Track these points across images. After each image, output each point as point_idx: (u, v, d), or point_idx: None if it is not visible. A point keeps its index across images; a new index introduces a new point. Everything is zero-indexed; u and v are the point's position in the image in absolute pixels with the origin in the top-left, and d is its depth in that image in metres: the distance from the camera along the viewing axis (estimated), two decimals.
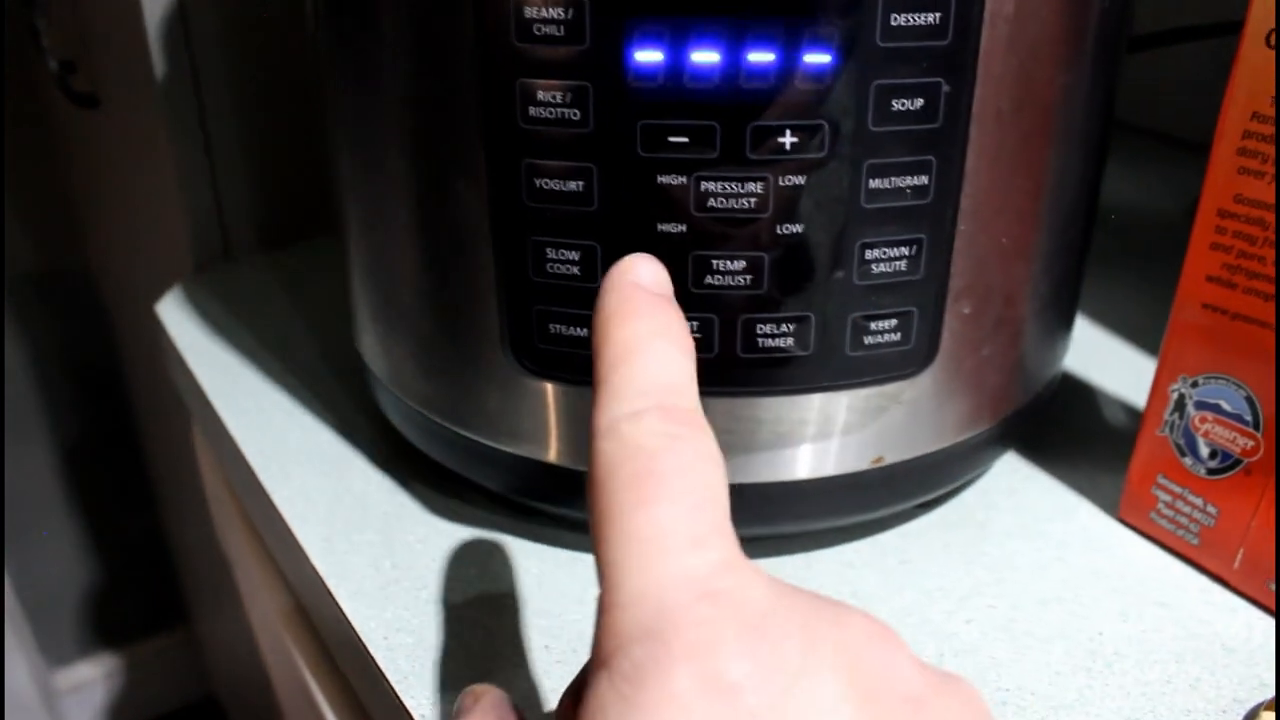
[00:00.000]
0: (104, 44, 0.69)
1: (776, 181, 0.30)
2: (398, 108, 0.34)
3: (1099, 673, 0.35)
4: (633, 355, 0.26)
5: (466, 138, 0.32)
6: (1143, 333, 0.53)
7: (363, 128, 0.37)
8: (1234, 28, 0.56)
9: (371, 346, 0.42)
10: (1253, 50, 0.34)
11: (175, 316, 0.56)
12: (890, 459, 0.37)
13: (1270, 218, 0.34)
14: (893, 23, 0.29)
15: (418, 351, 0.39)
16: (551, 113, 0.30)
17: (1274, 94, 0.33)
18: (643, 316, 0.26)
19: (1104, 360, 0.51)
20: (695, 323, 0.32)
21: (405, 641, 0.36)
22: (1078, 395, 0.49)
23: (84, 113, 0.78)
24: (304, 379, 0.50)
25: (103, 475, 1.25)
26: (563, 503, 0.39)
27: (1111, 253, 0.55)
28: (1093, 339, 0.53)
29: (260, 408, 0.48)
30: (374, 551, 0.40)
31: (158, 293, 0.61)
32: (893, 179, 0.31)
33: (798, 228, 0.31)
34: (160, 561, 1.29)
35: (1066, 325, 0.42)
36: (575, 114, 0.30)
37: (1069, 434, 0.46)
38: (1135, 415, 0.47)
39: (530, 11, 0.29)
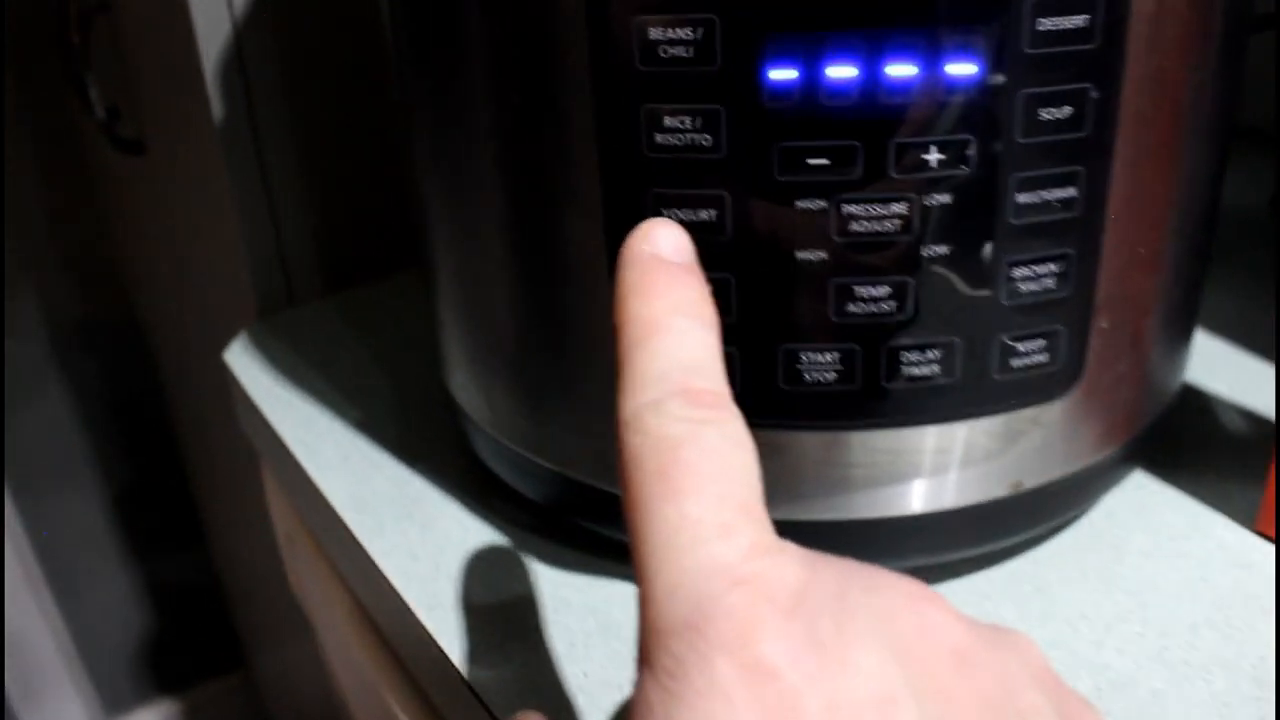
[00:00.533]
0: (151, 90, 0.68)
1: (921, 201, 0.28)
2: (500, 138, 0.33)
3: (1269, 701, 0.33)
4: (652, 335, 0.25)
5: (580, 169, 0.31)
6: (1244, 332, 0.52)
7: (458, 162, 0.35)
8: None
9: (467, 389, 0.40)
10: None
11: (244, 363, 0.55)
12: (1029, 483, 0.35)
13: None
14: (1039, 28, 0.27)
15: (523, 394, 0.37)
16: (680, 139, 0.28)
17: None
18: (662, 291, 0.26)
19: (1210, 364, 0.50)
20: (837, 353, 0.30)
21: (532, 703, 0.34)
22: (1191, 401, 0.47)
23: (127, 159, 0.77)
24: (386, 424, 0.49)
25: (154, 520, 1.24)
26: None
27: None
28: (1197, 341, 0.51)
29: (344, 456, 0.47)
30: (485, 606, 0.38)
31: (215, 338, 0.60)
32: (1041, 192, 0.29)
33: (943, 249, 0.29)
34: (215, 605, 1.28)
35: (1190, 334, 0.40)
36: (707, 139, 0.28)
37: (1189, 444, 0.44)
38: (1253, 420, 0.45)
39: (655, 33, 0.28)
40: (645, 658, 0.22)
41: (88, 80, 0.70)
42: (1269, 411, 0.46)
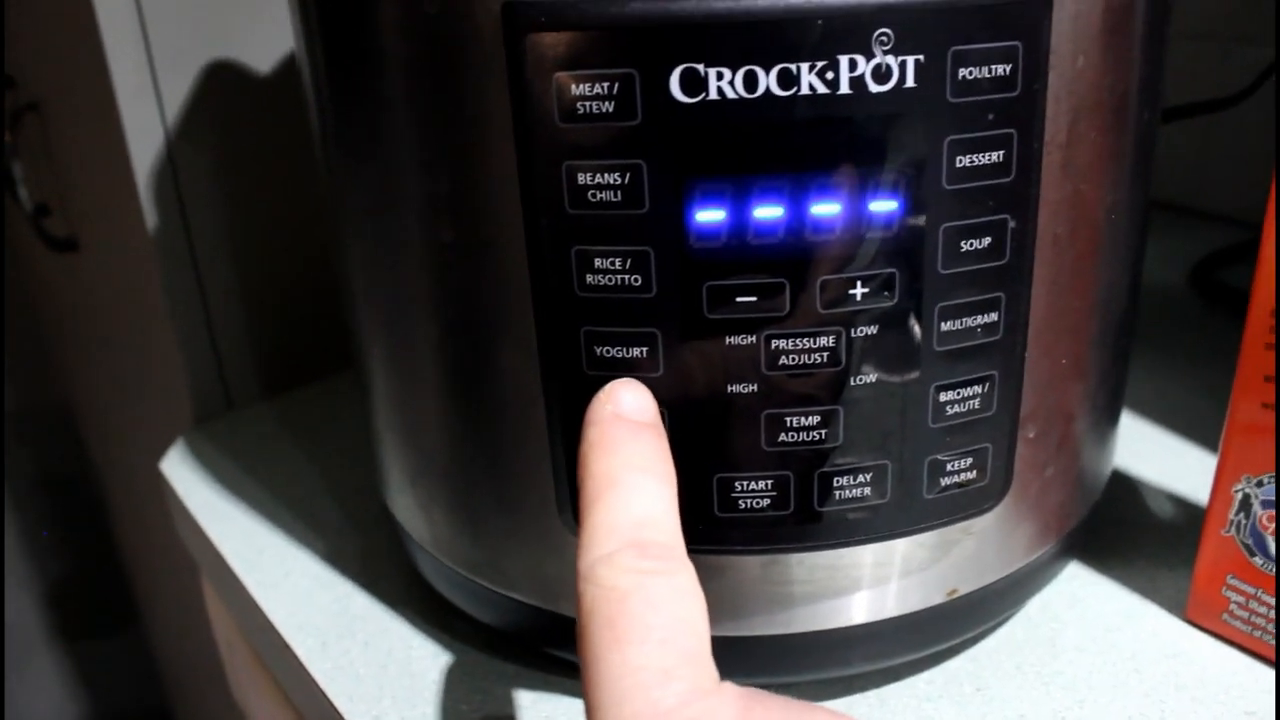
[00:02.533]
0: (83, 189, 0.68)
1: (848, 333, 0.29)
2: (433, 272, 0.33)
3: None
4: (607, 491, 0.27)
5: (514, 305, 0.31)
6: (1169, 414, 0.53)
7: (393, 296, 0.35)
8: (1227, 103, 0.57)
9: (407, 509, 0.40)
10: None
11: (180, 474, 0.54)
12: (964, 590, 0.36)
13: None
14: (957, 165, 0.28)
15: (462, 516, 0.37)
16: (611, 279, 0.29)
17: None
18: (619, 448, 0.28)
19: (1137, 447, 0.51)
20: (769, 481, 0.31)
21: None
22: (1119, 486, 0.48)
23: (60, 257, 0.76)
24: (328, 538, 0.49)
25: (90, 611, 1.22)
26: None
27: None
28: (1122, 424, 0.52)
29: (285, 572, 0.46)
30: None
31: (152, 440, 0.59)
32: (964, 319, 0.30)
33: (871, 377, 0.30)
34: (152, 698, 1.25)
35: (1115, 428, 0.41)
36: (637, 279, 0.29)
37: (1118, 530, 0.45)
38: (1180, 504, 0.47)
39: (584, 178, 0.28)
40: None
41: (16, 176, 0.69)
42: (1196, 495, 0.47)
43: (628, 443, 0.28)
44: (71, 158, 0.68)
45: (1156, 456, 0.50)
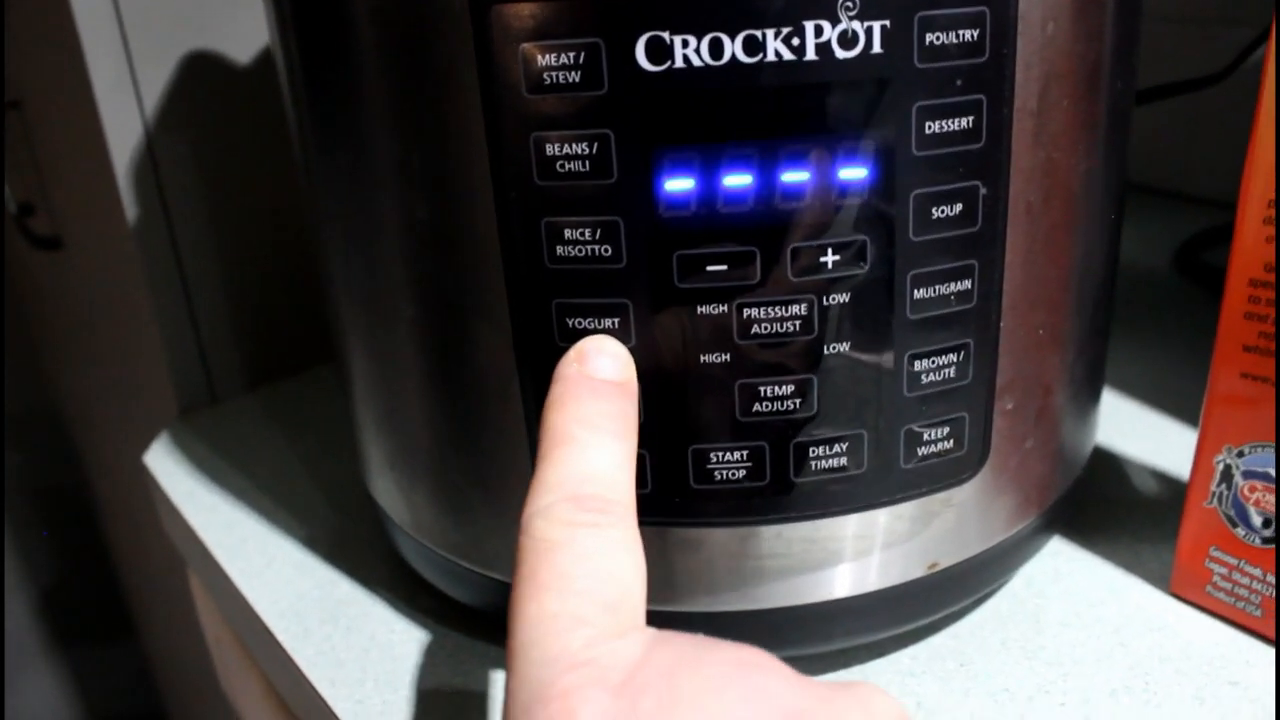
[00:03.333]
0: (66, 186, 0.67)
1: (820, 301, 0.29)
2: (406, 249, 0.33)
3: None
4: (557, 447, 0.27)
5: (486, 280, 0.31)
6: (1151, 392, 0.53)
7: (367, 274, 0.35)
8: (1206, 82, 0.57)
9: (388, 492, 0.40)
10: (1271, 122, 0.33)
11: (165, 466, 0.54)
12: (944, 563, 0.36)
13: None
14: (927, 131, 0.28)
15: (442, 497, 0.37)
16: (581, 250, 0.29)
17: None
18: (577, 405, 0.28)
19: (1120, 425, 0.51)
20: (744, 451, 0.31)
21: None
22: (1102, 462, 0.48)
23: (44, 255, 0.76)
24: (311, 526, 0.48)
25: (82, 617, 1.21)
26: None
27: None
28: (1105, 402, 0.52)
29: (269, 560, 0.46)
30: (411, 710, 0.38)
31: (137, 435, 0.59)
32: (937, 287, 0.30)
33: (844, 346, 0.30)
34: (147, 700, 1.24)
35: (1096, 403, 0.41)
36: (607, 249, 0.29)
37: (1102, 507, 0.45)
38: (1163, 480, 0.47)
39: (552, 148, 0.28)
40: None
41: (1, 175, 0.69)
42: (1179, 471, 0.47)
43: (586, 400, 0.28)
44: (53, 154, 0.68)
45: (1140, 434, 0.50)
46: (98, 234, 0.64)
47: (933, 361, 0.31)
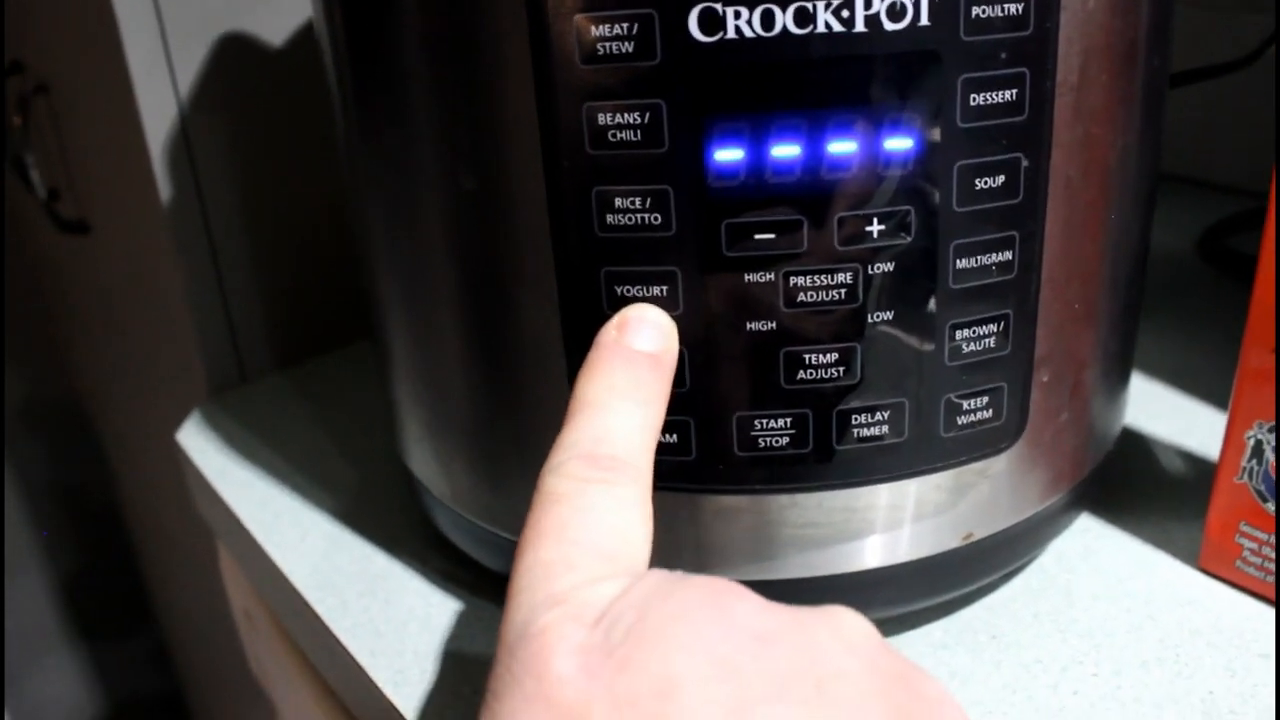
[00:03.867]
0: (94, 170, 0.68)
1: (865, 270, 0.30)
2: (453, 222, 0.34)
3: None
4: (580, 411, 0.28)
5: (533, 249, 0.32)
6: (1177, 374, 0.53)
7: (412, 245, 0.36)
8: (1230, 68, 0.57)
9: (425, 464, 0.40)
10: None
11: (197, 444, 0.55)
12: (979, 534, 0.36)
13: None
14: (971, 103, 0.29)
15: (482, 467, 0.37)
16: (631, 219, 0.29)
17: None
18: (608, 372, 0.28)
19: (1148, 407, 0.51)
20: (788, 419, 0.31)
21: None
22: (1130, 444, 0.49)
23: (69, 240, 0.77)
24: (344, 499, 0.49)
25: (104, 606, 1.22)
26: None
27: None
28: (1134, 385, 0.52)
29: (303, 534, 0.47)
30: (451, 679, 0.38)
31: (166, 418, 0.60)
32: (979, 257, 0.30)
33: (888, 314, 0.30)
34: (168, 692, 1.25)
35: (1127, 381, 0.41)
36: (656, 218, 0.29)
37: (1131, 486, 0.46)
38: (1190, 460, 0.47)
39: (604, 118, 0.29)
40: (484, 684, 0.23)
41: (28, 161, 0.70)
42: (1207, 452, 0.47)
43: (618, 368, 0.28)
44: (82, 138, 0.68)
45: (1167, 416, 0.50)
46: (129, 216, 0.64)
47: (973, 331, 0.31)
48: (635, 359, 0.29)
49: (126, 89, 0.55)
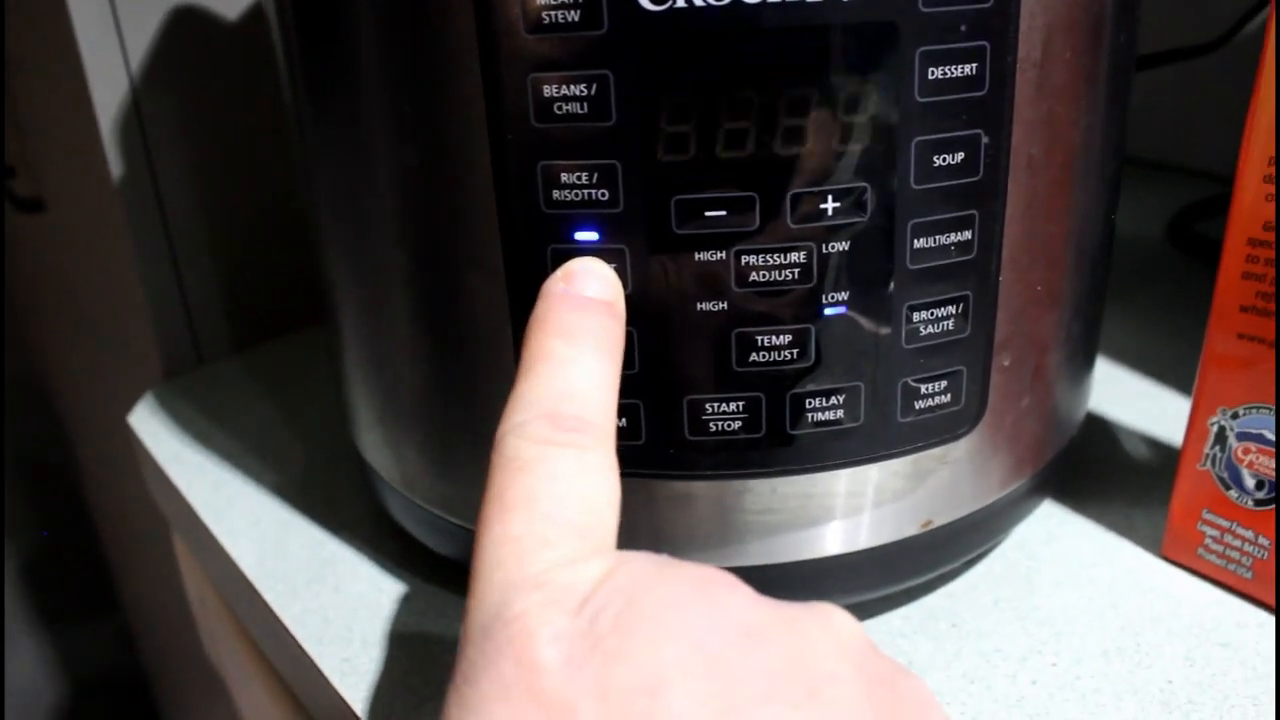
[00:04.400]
0: (49, 147, 0.66)
1: (819, 249, 0.29)
2: (399, 198, 0.33)
3: None
4: (538, 363, 0.26)
5: (479, 226, 0.31)
6: (1145, 360, 0.53)
7: (359, 222, 0.35)
8: (1202, 50, 0.56)
9: (376, 448, 0.39)
10: (1273, 78, 0.33)
11: (149, 427, 0.54)
12: (939, 521, 0.35)
13: None
14: (930, 77, 0.28)
15: (432, 451, 0.36)
16: (578, 195, 0.28)
17: None
18: (560, 323, 0.27)
19: (1113, 392, 0.51)
20: (740, 402, 0.30)
21: None
22: (1095, 429, 0.48)
23: (26, 218, 0.75)
24: (297, 485, 0.48)
25: (64, 587, 1.20)
26: None
27: None
28: (1099, 370, 0.52)
29: (255, 520, 0.46)
30: (399, 668, 0.37)
31: (123, 400, 0.58)
32: (937, 237, 0.30)
33: (843, 295, 0.29)
34: (130, 667, 1.24)
35: (1091, 366, 0.41)
36: (604, 194, 0.28)
37: (1094, 472, 0.45)
38: (1155, 446, 0.46)
39: (550, 90, 0.28)
40: (452, 667, 0.22)
41: None
42: (1172, 438, 0.47)
43: (570, 315, 0.27)
44: (36, 114, 0.67)
45: (1133, 402, 0.50)
46: (82, 195, 0.63)
47: (931, 313, 0.30)
48: (589, 306, 0.27)
49: (77, 65, 0.53)
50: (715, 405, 0.30)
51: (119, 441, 0.57)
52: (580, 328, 0.27)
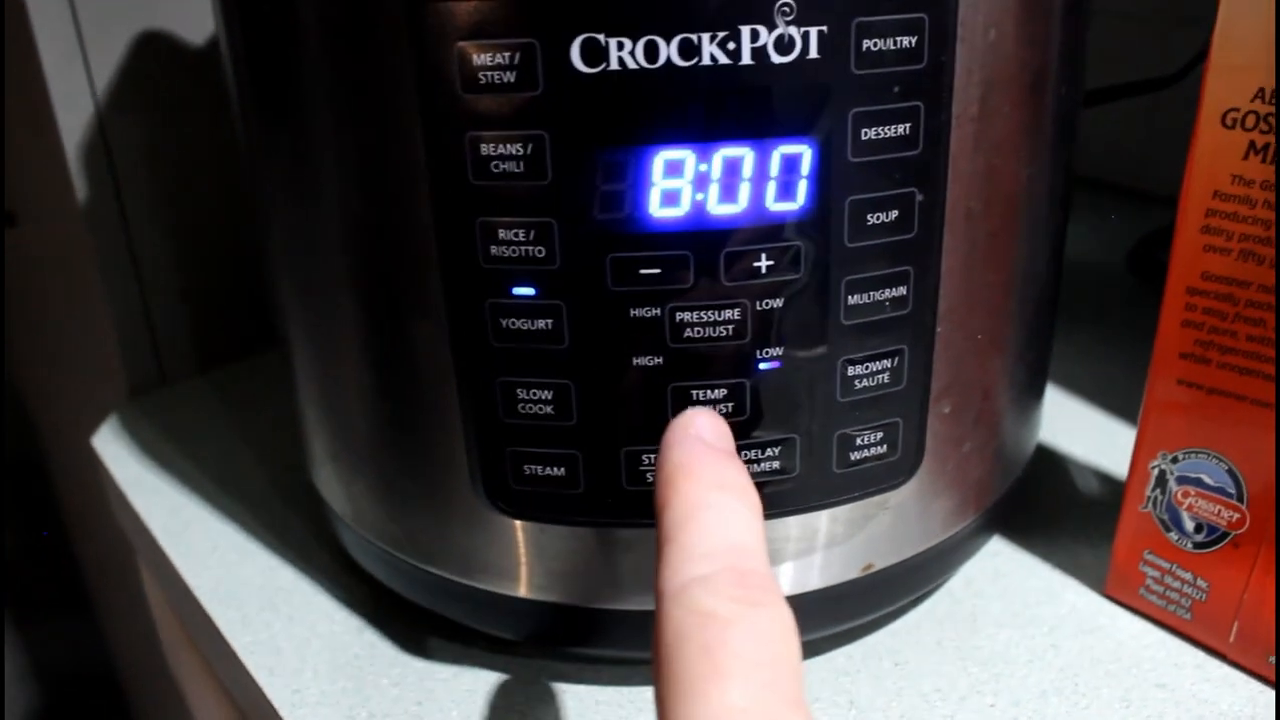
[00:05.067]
0: (18, 163, 0.67)
1: (753, 306, 0.29)
2: (347, 245, 0.33)
3: None
4: (699, 512, 0.25)
5: (423, 277, 0.31)
6: (1099, 390, 0.53)
7: (309, 261, 0.35)
8: (1162, 84, 0.57)
9: (329, 483, 0.40)
10: (1209, 130, 0.33)
11: (113, 450, 0.54)
12: (880, 564, 0.36)
13: (1239, 293, 0.34)
14: (863, 137, 0.28)
15: (381, 490, 0.37)
16: (515, 251, 0.29)
17: (1234, 172, 0.33)
18: (708, 472, 0.26)
19: (1066, 424, 0.51)
20: None
21: None
22: (1046, 461, 0.48)
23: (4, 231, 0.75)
24: (256, 512, 0.48)
25: (38, 596, 1.20)
26: (537, 636, 0.37)
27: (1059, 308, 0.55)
28: (1052, 401, 0.52)
29: (213, 546, 0.46)
30: (348, 700, 0.38)
31: (89, 415, 0.58)
32: (871, 293, 0.30)
33: (778, 351, 0.30)
34: (104, 676, 1.24)
35: (1038, 404, 0.41)
36: (540, 251, 0.29)
37: (1044, 505, 0.45)
38: (1105, 480, 0.47)
39: (487, 149, 0.28)
40: None
41: None
42: (1121, 472, 0.47)
43: (715, 466, 0.26)
44: (6, 132, 0.67)
45: (1086, 434, 0.50)
46: (49, 211, 0.63)
47: (866, 367, 0.31)
48: (726, 458, 0.27)
49: (42, 86, 0.53)
50: (651, 456, 0.31)
51: (85, 454, 0.57)
52: (728, 479, 0.26)
